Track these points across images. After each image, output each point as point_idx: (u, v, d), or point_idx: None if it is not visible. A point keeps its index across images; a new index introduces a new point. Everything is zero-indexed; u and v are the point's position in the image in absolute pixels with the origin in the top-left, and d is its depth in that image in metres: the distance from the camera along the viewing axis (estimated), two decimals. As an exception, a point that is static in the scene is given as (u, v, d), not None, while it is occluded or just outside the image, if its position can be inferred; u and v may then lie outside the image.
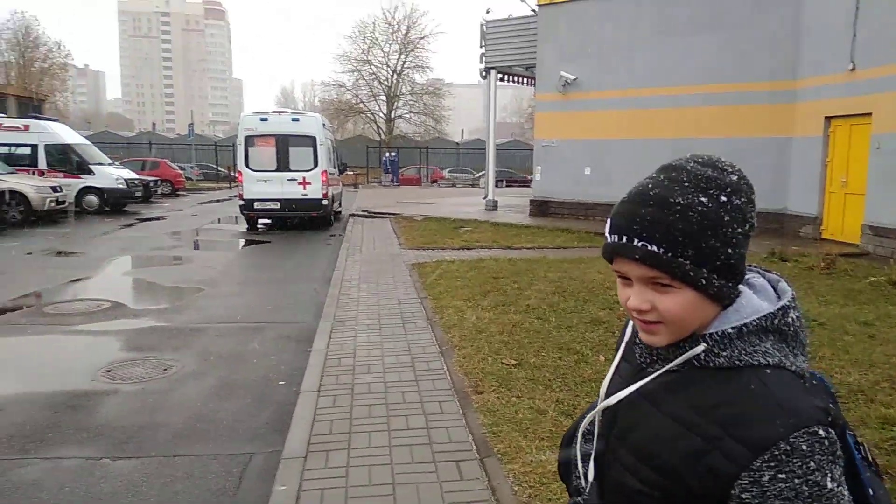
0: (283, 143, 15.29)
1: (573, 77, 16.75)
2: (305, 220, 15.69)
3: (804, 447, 0.86)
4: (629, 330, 1.13)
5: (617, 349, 1.16)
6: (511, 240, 12.77)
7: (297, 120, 15.58)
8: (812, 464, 0.86)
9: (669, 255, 0.93)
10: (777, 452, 0.86)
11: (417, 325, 6.45)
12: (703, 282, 0.93)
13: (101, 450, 3.94)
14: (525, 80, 20.78)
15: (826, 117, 12.97)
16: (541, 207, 17.89)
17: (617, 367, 1.12)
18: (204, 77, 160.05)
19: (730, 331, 0.95)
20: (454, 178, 42.74)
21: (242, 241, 14.11)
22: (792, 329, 0.97)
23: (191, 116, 59.92)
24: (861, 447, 0.99)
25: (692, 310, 0.96)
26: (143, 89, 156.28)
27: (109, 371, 5.33)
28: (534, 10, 18.00)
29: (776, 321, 0.96)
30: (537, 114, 18.84)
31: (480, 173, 32.84)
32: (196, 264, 11.04)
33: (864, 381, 4.70)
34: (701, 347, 0.96)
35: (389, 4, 63.74)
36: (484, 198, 20.48)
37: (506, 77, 20.42)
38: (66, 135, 20.02)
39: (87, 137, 25.67)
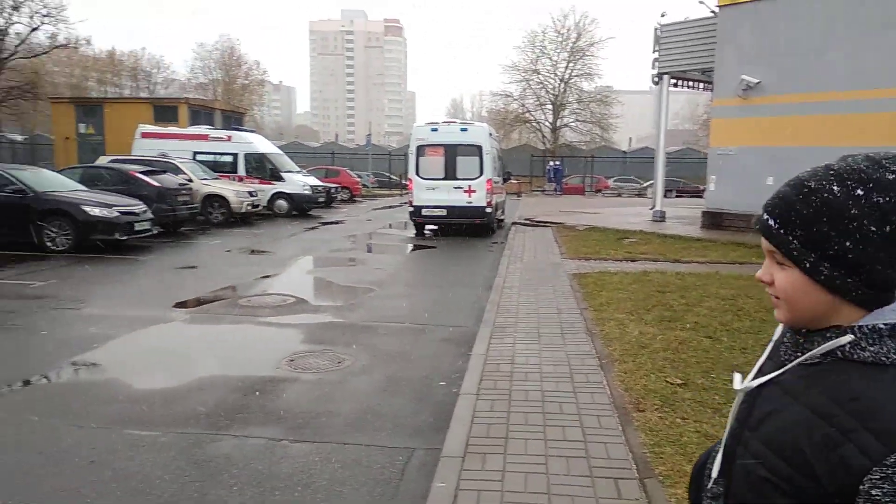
0: (452, 153, 15.82)
1: (756, 80, 15.58)
2: (469, 227, 16.09)
3: None
4: (778, 330, 1.13)
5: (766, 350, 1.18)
6: (679, 253, 12.15)
7: (465, 130, 16.05)
8: None
9: (781, 230, 0.99)
10: None
11: (577, 335, 6.37)
12: (808, 265, 0.96)
13: (282, 432, 4.35)
14: (701, 84, 19.71)
15: None
16: (714, 219, 16.82)
17: (761, 367, 1.12)
18: (382, 91, 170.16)
19: (881, 326, 0.94)
20: (619, 188, 41.49)
21: (410, 246, 14.80)
22: None
23: (368, 128, 63.84)
24: None
25: (801, 292, 0.99)
26: (328, 103, 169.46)
27: (292, 360, 5.86)
28: (713, 12, 17.03)
29: None
30: (714, 120, 17.78)
31: (648, 183, 31.54)
32: (368, 266, 11.77)
33: None
34: (847, 338, 0.95)
35: (559, 13, 63.34)
36: (651, 208, 19.67)
37: (679, 82, 19.49)
38: (261, 145, 22.28)
39: (279, 147, 28.34)
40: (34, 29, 32.39)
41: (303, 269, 11.59)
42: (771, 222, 1.00)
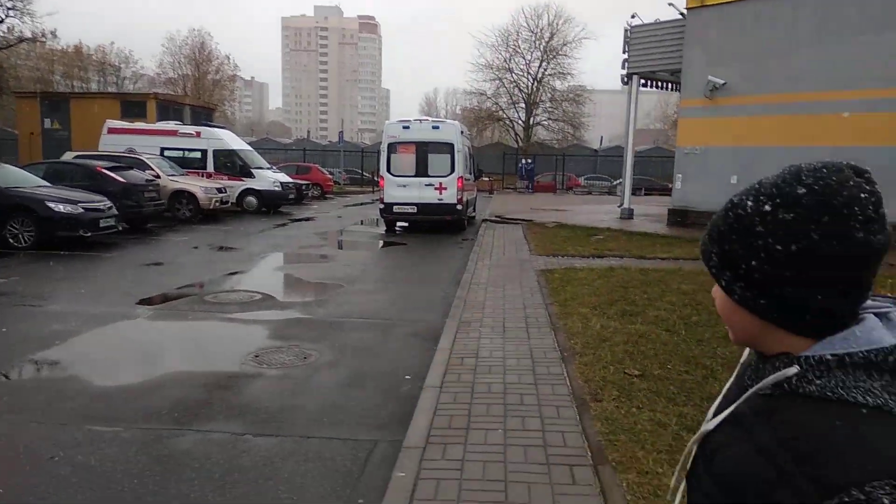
0: (423, 150, 15.88)
1: (722, 82, 15.92)
2: (440, 224, 16.17)
3: (886, 501, 0.73)
4: (746, 352, 1.06)
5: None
6: (645, 249, 12.39)
7: (437, 128, 16.13)
8: None
9: (705, 247, 0.95)
10: (848, 499, 0.74)
11: (541, 329, 6.49)
12: (724, 283, 0.92)
13: (245, 427, 4.38)
14: (670, 85, 20.04)
15: None
16: (679, 217, 17.15)
17: (728, 390, 1.06)
18: (355, 87, 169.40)
19: (829, 357, 0.84)
20: (590, 186, 41.96)
21: (381, 243, 14.84)
22: None
23: (341, 124, 63.56)
24: None
25: (728, 311, 0.95)
26: (301, 99, 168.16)
27: (257, 356, 5.87)
28: (682, 14, 17.33)
29: (890, 359, 0.82)
30: (681, 119, 18.11)
31: (618, 181, 31.96)
32: (338, 262, 11.78)
33: None
34: (793, 370, 0.86)
35: (533, 12, 63.65)
36: (619, 206, 19.97)
37: (649, 83, 19.79)
38: (231, 141, 22.08)
39: (249, 144, 28.09)
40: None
41: (271, 266, 11.55)
42: (705, 237, 0.95)
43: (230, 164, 21.09)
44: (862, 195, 0.83)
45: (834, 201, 0.83)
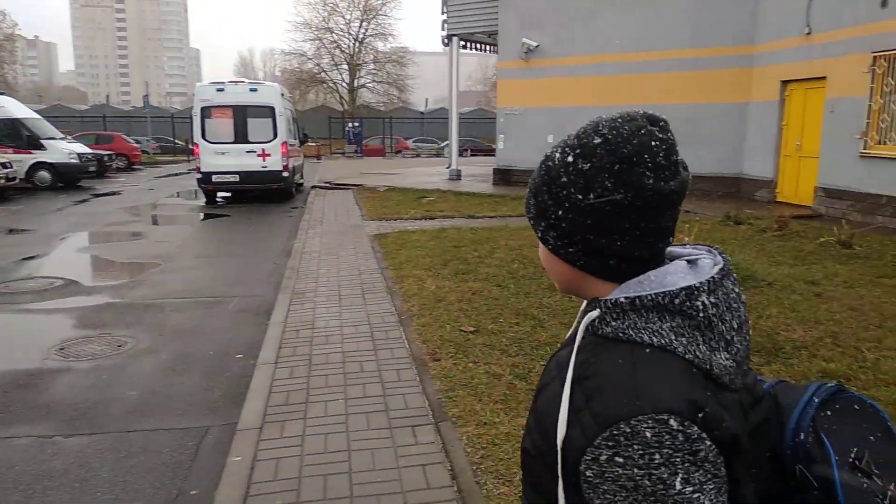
0: (241, 114, 14.96)
1: (535, 44, 16.68)
2: (266, 193, 15.43)
3: (648, 434, 0.77)
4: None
5: None
6: (473, 209, 12.80)
7: (255, 90, 15.24)
8: (658, 457, 0.77)
9: (526, 201, 0.97)
10: (616, 433, 0.79)
11: (377, 295, 6.45)
12: (540, 234, 0.95)
13: (52, 428, 3.89)
14: (489, 47, 20.63)
15: (782, 81, 13.18)
16: (504, 176, 17.92)
17: (567, 338, 1.08)
18: (160, 47, 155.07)
19: (622, 300, 0.87)
20: (418, 148, 42.46)
21: (201, 216, 13.85)
22: (703, 316, 0.85)
23: (146, 88, 58.17)
24: (867, 478, 0.85)
25: (547, 261, 0.98)
26: (96, 61, 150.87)
27: (62, 349, 5.23)
28: (495, -24, 17.79)
29: (676, 301, 0.85)
30: (500, 81, 18.78)
31: (445, 143, 32.67)
32: (152, 239, 10.83)
33: (808, 337, 4.87)
34: (595, 314, 0.89)
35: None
36: (447, 167, 20.43)
37: (469, 44, 20.23)
38: (14, 109, 19.27)
39: (38, 111, 24.77)
40: None
41: (73, 247, 10.33)
42: (527, 191, 0.99)
43: (15, 134, 18.43)
44: (653, 143, 0.85)
45: (624, 149, 0.85)
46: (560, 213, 0.89)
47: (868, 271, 7.03)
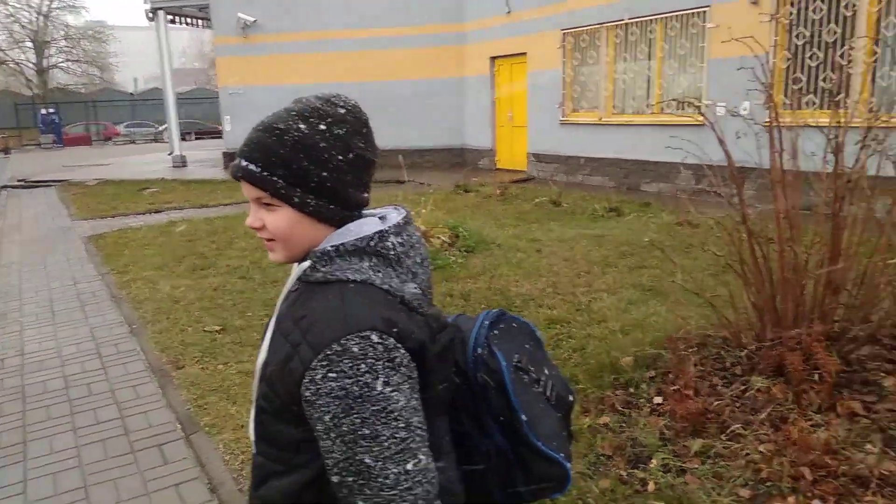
0: None
1: (252, 19, 15.94)
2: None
3: (355, 349, 0.93)
4: (294, 269, 1.16)
5: None
6: (206, 197, 11.97)
7: None
8: (363, 366, 0.93)
9: (265, 173, 1.03)
10: (330, 353, 0.93)
11: (100, 305, 5.73)
12: (297, 199, 1.03)
13: None
14: (201, 22, 19.19)
15: (491, 57, 14.45)
16: (233, 160, 17.00)
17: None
18: None
19: (329, 248, 1.03)
20: (132, 134, 38.28)
21: None
22: (393, 254, 1.05)
23: None
24: (526, 374, 1.16)
25: (296, 227, 1.05)
26: None
27: None
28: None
29: (372, 243, 1.04)
30: (218, 59, 17.64)
31: (163, 126, 29.82)
32: None
33: (533, 290, 5.46)
34: (307, 263, 1.04)
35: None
36: (170, 153, 18.77)
37: (178, 18, 18.60)
38: None
39: None
40: None
41: None
42: (252, 167, 1.03)
43: None
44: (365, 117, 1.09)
45: (363, 118, 1.08)
46: (324, 174, 1.02)
47: (575, 225, 8.12)
